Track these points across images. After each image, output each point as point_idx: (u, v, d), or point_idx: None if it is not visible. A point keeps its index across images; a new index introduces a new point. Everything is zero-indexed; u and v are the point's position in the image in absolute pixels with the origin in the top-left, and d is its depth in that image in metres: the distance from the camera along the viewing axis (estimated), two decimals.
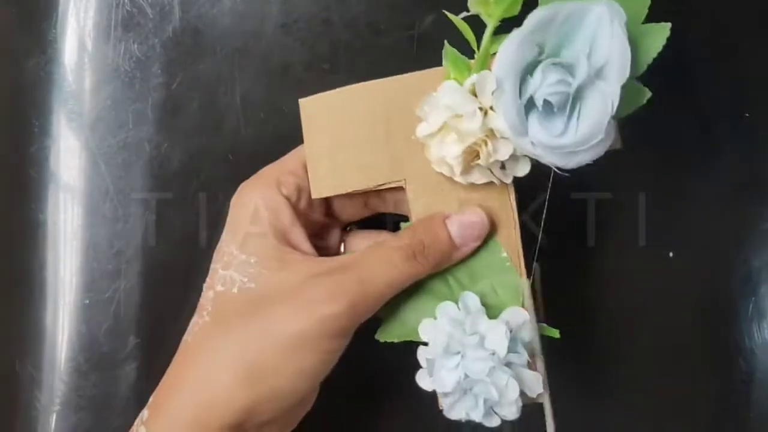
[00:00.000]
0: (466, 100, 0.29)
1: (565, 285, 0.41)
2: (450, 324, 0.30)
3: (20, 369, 0.41)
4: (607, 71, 0.28)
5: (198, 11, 0.40)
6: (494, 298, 0.32)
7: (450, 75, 0.31)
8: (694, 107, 0.41)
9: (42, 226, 0.41)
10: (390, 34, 0.40)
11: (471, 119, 0.29)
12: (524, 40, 0.27)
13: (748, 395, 0.41)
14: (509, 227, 0.33)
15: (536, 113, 0.28)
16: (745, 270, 0.41)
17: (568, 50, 0.28)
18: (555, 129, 0.28)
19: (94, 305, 0.41)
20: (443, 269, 0.32)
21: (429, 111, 0.30)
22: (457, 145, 0.29)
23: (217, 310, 0.31)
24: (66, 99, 0.41)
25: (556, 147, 0.28)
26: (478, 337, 0.29)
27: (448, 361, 0.29)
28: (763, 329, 0.41)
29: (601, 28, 0.27)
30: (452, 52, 0.30)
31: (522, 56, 0.28)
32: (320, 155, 0.33)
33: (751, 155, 0.41)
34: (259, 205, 0.32)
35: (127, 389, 0.40)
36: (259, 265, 0.31)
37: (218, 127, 0.40)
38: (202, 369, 0.30)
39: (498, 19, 0.29)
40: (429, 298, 0.32)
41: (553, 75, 0.27)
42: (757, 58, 0.41)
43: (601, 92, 0.28)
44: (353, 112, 0.33)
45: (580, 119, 0.28)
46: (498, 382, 0.29)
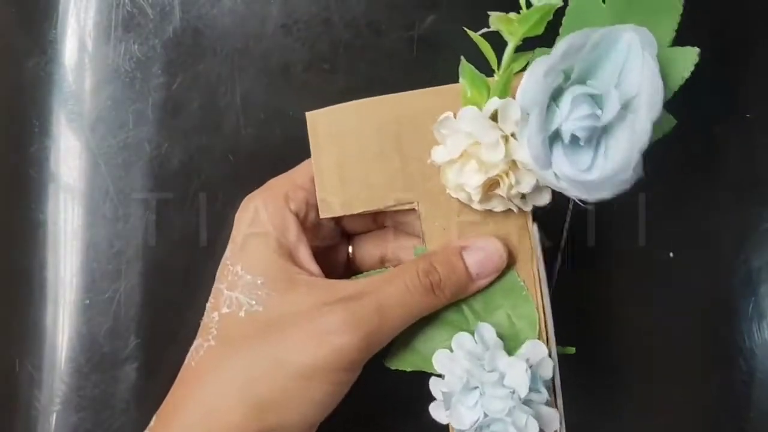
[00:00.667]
0: (487, 128, 0.28)
1: (564, 285, 0.41)
2: (467, 358, 0.29)
3: (20, 369, 0.41)
4: (636, 104, 0.26)
5: (198, 11, 0.40)
6: (510, 329, 0.31)
7: (467, 93, 0.29)
8: (694, 107, 0.41)
9: (42, 226, 0.41)
10: (390, 35, 0.40)
11: (494, 150, 0.27)
12: (552, 69, 0.26)
13: (748, 395, 0.41)
14: (527, 255, 0.31)
15: (561, 146, 0.27)
16: (745, 270, 0.41)
17: (596, 78, 0.27)
18: (582, 164, 0.27)
19: (95, 305, 0.41)
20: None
21: (447, 135, 0.29)
22: (478, 175, 0.28)
23: (223, 333, 0.30)
24: (66, 99, 0.41)
25: (582, 182, 0.27)
26: (498, 375, 0.28)
27: (467, 397, 0.29)
28: (763, 329, 0.41)
29: (632, 57, 0.26)
30: (470, 70, 0.29)
31: (549, 85, 0.26)
32: (328, 172, 0.31)
33: (751, 155, 0.41)
34: (267, 221, 0.31)
35: (127, 389, 0.40)
36: (266, 287, 0.29)
37: (218, 128, 0.40)
38: (210, 396, 0.29)
39: (520, 38, 0.28)
40: (442, 327, 0.31)
41: (582, 108, 0.26)
42: (757, 58, 0.41)
43: (630, 127, 0.26)
44: (363, 128, 0.31)
45: (608, 154, 0.27)
46: (518, 421, 0.28)
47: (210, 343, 0.30)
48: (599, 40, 0.26)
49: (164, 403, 0.31)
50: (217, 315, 0.30)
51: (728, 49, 0.41)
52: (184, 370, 0.31)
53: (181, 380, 0.31)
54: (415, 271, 0.29)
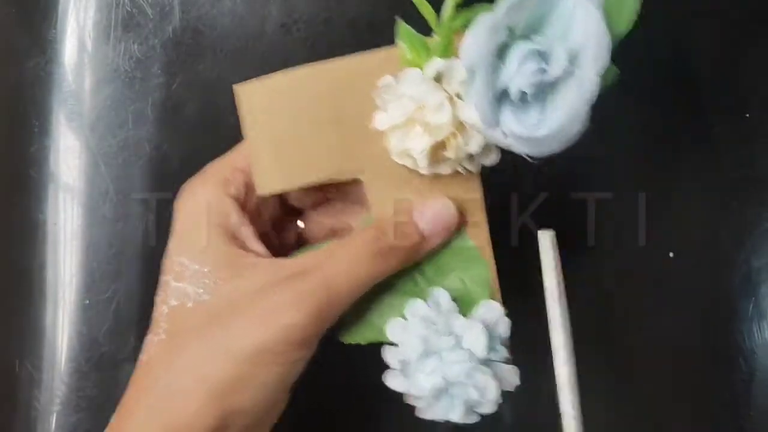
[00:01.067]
0: (431, 90, 0.27)
1: (564, 285, 0.41)
2: (422, 324, 0.29)
3: (20, 369, 0.41)
4: (582, 57, 0.26)
5: (198, 11, 0.40)
6: (464, 291, 0.30)
7: (406, 56, 0.28)
8: (694, 107, 0.41)
9: (42, 226, 0.41)
10: (390, 34, 0.40)
11: (439, 112, 0.27)
12: (497, 26, 0.25)
13: (748, 395, 0.41)
14: (477, 217, 0.30)
15: (509, 104, 0.26)
16: (745, 270, 0.41)
17: (541, 32, 0.26)
18: (530, 120, 0.26)
19: (94, 305, 0.41)
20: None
21: (388, 100, 0.28)
22: (423, 139, 0.27)
23: (173, 326, 0.29)
24: (66, 99, 0.41)
25: (533, 139, 0.26)
26: (454, 338, 0.28)
27: (425, 364, 0.28)
28: (763, 329, 0.41)
29: (577, 9, 0.25)
30: (406, 30, 0.28)
31: (494, 43, 0.25)
32: (264, 147, 0.30)
33: (751, 156, 0.41)
34: (206, 208, 0.30)
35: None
36: (212, 275, 0.29)
37: (218, 127, 0.40)
38: (164, 390, 0.28)
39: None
40: (394, 296, 0.30)
41: (529, 65, 0.25)
42: (757, 58, 0.41)
43: (577, 81, 0.26)
44: (298, 98, 0.30)
45: (556, 109, 0.26)
46: (478, 382, 0.28)
47: (161, 337, 0.29)
48: None
49: (122, 400, 0.30)
50: (166, 308, 0.30)
51: (728, 49, 0.41)
52: (138, 367, 0.30)
53: (135, 377, 0.30)
54: (361, 240, 0.29)
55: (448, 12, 0.27)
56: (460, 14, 0.27)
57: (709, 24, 0.41)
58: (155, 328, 0.30)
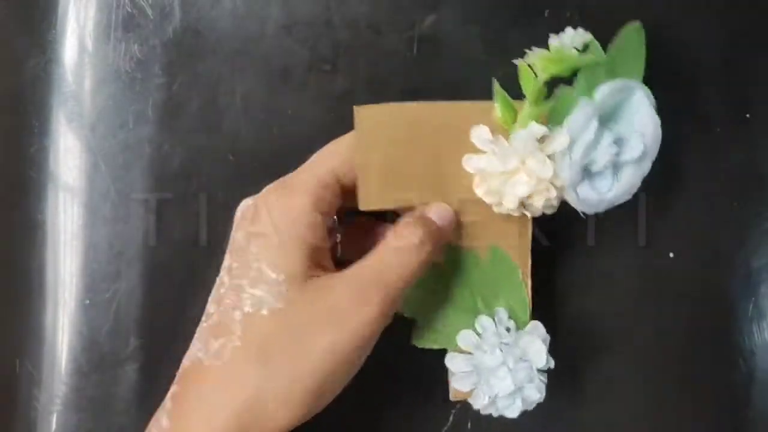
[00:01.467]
0: (536, 148, 0.33)
1: (564, 285, 0.41)
2: (495, 338, 0.35)
3: (20, 369, 0.41)
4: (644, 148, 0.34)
5: (198, 12, 0.40)
6: (511, 312, 0.36)
7: (498, 114, 0.34)
8: (695, 107, 0.41)
9: (42, 226, 0.41)
10: (390, 35, 0.40)
11: (543, 167, 0.33)
12: (596, 111, 0.33)
13: (748, 395, 0.41)
14: (525, 252, 0.36)
15: (587, 172, 0.34)
16: (745, 270, 0.41)
17: (617, 120, 0.34)
18: (602, 188, 0.34)
19: (95, 306, 0.41)
20: (469, 287, 0.36)
21: (493, 149, 0.33)
22: (525, 187, 0.33)
23: (248, 333, 0.30)
24: (66, 99, 0.41)
25: (602, 201, 0.34)
26: (521, 351, 0.34)
27: (498, 370, 0.34)
28: (763, 329, 0.41)
29: (642, 109, 0.34)
30: (501, 93, 0.34)
31: (592, 124, 0.33)
32: (373, 166, 0.34)
33: (751, 156, 0.41)
34: (295, 220, 0.31)
35: (127, 390, 0.40)
36: (287, 284, 0.31)
37: (219, 128, 0.40)
38: (249, 394, 0.30)
39: (551, 76, 0.33)
40: (456, 311, 0.36)
41: (613, 147, 0.33)
42: (757, 58, 0.41)
43: (639, 164, 0.35)
44: (408, 128, 0.34)
45: (621, 182, 0.35)
46: (539, 386, 0.34)
47: (235, 344, 0.30)
48: (621, 89, 0.34)
49: (175, 403, 0.31)
50: (240, 314, 0.31)
51: (728, 49, 0.41)
52: (198, 369, 0.31)
53: (196, 379, 0.31)
54: (401, 234, 0.33)
55: (538, 87, 0.33)
56: (544, 90, 0.33)
57: (709, 24, 0.41)
58: (225, 332, 0.31)
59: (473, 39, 0.41)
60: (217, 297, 0.32)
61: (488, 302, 0.36)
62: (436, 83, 0.40)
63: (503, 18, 0.41)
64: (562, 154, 0.33)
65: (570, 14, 0.40)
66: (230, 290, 0.32)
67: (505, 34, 0.41)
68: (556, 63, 0.33)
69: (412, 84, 0.41)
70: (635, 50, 0.35)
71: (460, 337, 0.35)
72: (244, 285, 0.31)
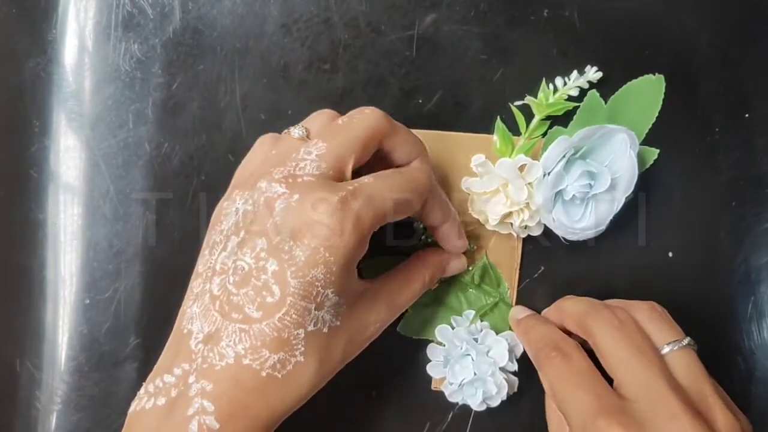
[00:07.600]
0: (516, 176, 0.38)
1: (565, 285, 0.41)
2: (466, 333, 0.40)
3: (21, 368, 0.41)
4: (618, 183, 0.38)
5: (198, 12, 0.40)
6: (491, 317, 0.41)
7: (497, 145, 0.40)
8: (694, 107, 0.41)
9: (42, 226, 0.41)
10: (390, 35, 0.40)
11: (520, 191, 0.38)
12: (570, 145, 0.37)
13: (748, 395, 0.41)
14: (512, 270, 0.41)
15: (562, 200, 0.38)
16: (744, 270, 0.41)
17: (594, 158, 0.38)
18: (575, 215, 0.38)
19: (95, 305, 0.41)
20: (459, 289, 0.41)
21: (484, 173, 0.39)
22: (503, 207, 0.38)
23: (312, 348, 0.32)
24: (66, 99, 0.41)
25: (571, 228, 0.38)
26: (486, 348, 0.40)
27: (463, 360, 0.39)
28: (763, 329, 0.41)
29: (621, 150, 0.37)
30: (502, 128, 0.40)
31: (564, 158, 0.37)
32: None
33: (751, 156, 0.41)
34: (357, 253, 0.33)
35: (127, 389, 0.40)
36: (342, 303, 0.33)
37: (218, 127, 0.40)
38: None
39: (545, 115, 0.39)
40: (444, 310, 0.41)
41: (583, 179, 0.37)
42: (757, 58, 0.41)
43: (610, 197, 0.38)
44: None
45: (592, 213, 0.38)
46: (497, 381, 0.39)
47: (298, 359, 0.32)
48: (603, 132, 0.37)
49: (233, 407, 0.31)
50: (303, 332, 0.32)
51: (728, 49, 0.41)
52: (260, 379, 0.32)
53: (256, 389, 0.31)
54: (422, 275, 0.38)
55: (534, 124, 0.40)
56: (540, 125, 0.40)
57: (709, 23, 0.41)
58: (287, 347, 0.32)
59: (473, 39, 0.41)
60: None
61: (472, 304, 0.41)
62: (435, 83, 0.41)
63: (503, 18, 0.41)
64: (537, 181, 0.38)
65: (570, 14, 0.41)
66: (296, 311, 0.32)
67: (505, 34, 0.41)
68: (550, 105, 0.39)
69: (412, 83, 0.41)
70: (646, 100, 0.40)
71: (438, 330, 0.40)
72: (311, 308, 0.32)
